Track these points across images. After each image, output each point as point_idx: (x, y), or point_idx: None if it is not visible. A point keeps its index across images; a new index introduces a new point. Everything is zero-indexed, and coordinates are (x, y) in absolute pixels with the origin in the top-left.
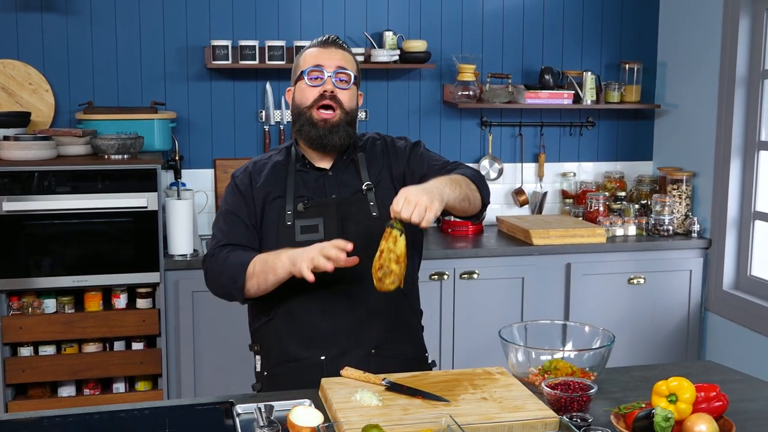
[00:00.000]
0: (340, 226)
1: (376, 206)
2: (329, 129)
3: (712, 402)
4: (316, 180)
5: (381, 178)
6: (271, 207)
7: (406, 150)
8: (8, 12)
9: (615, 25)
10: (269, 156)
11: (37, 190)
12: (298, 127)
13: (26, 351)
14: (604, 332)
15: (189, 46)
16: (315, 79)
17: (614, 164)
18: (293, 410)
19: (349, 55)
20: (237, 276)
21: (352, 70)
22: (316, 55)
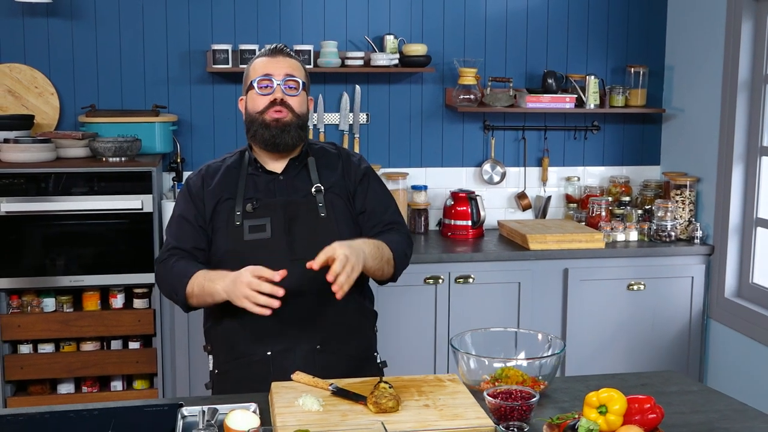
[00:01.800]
0: (287, 226)
1: (324, 208)
2: (281, 128)
3: (647, 414)
4: (267, 183)
5: (333, 183)
6: (222, 208)
7: (359, 171)
8: (15, 17)
9: (621, 29)
10: (223, 159)
11: (36, 191)
12: (252, 133)
13: (26, 348)
14: (555, 340)
15: (191, 50)
16: (265, 87)
17: (621, 169)
18: (229, 414)
19: (297, 63)
20: (178, 291)
21: (300, 77)
22: (264, 64)
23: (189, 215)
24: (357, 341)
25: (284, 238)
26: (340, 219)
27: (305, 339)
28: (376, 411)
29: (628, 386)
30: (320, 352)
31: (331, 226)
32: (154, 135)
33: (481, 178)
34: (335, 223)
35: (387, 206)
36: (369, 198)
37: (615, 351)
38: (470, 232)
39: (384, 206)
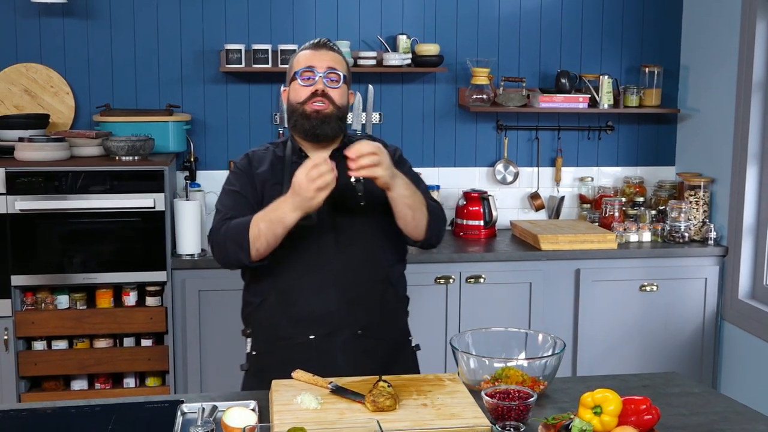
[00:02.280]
0: (332, 214)
1: (363, 197)
2: (321, 119)
3: (642, 415)
4: None
5: None
6: (269, 192)
7: (395, 159)
8: (31, 17)
9: (636, 28)
10: (266, 148)
11: (49, 189)
12: (293, 123)
13: (39, 345)
14: (556, 340)
15: (205, 49)
16: (307, 79)
17: (635, 169)
18: (227, 411)
19: (340, 57)
20: (242, 240)
21: (342, 70)
22: (308, 57)
23: (243, 190)
24: (395, 327)
25: (329, 226)
26: (378, 207)
27: (347, 324)
28: (374, 410)
29: (629, 387)
30: (361, 338)
31: (371, 215)
32: (167, 134)
33: (494, 178)
34: (374, 211)
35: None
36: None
37: (627, 352)
38: (482, 232)
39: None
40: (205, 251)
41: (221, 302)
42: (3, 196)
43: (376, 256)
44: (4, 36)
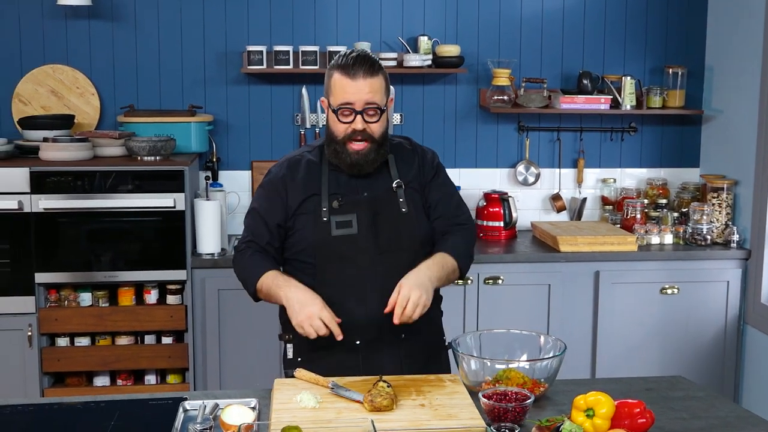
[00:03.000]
0: (372, 222)
1: (405, 203)
2: (362, 158)
3: (636, 418)
4: (349, 179)
5: (410, 178)
6: (308, 203)
7: (433, 166)
8: (58, 19)
9: (660, 29)
10: (302, 153)
11: (72, 189)
12: (332, 151)
13: (63, 341)
14: (557, 343)
15: (228, 51)
16: (346, 116)
17: (659, 171)
18: (225, 409)
19: (377, 79)
20: (248, 285)
21: (379, 100)
22: (343, 86)
23: (267, 214)
24: (434, 327)
25: (370, 234)
26: (419, 214)
27: (392, 329)
28: (371, 409)
29: (633, 390)
30: (405, 341)
31: (412, 221)
32: (189, 135)
33: (515, 179)
34: (415, 218)
35: (456, 202)
36: (439, 193)
37: (647, 355)
38: (502, 234)
39: (453, 202)
40: (225, 250)
41: (240, 301)
42: (27, 195)
43: (417, 262)
44: (32, 38)
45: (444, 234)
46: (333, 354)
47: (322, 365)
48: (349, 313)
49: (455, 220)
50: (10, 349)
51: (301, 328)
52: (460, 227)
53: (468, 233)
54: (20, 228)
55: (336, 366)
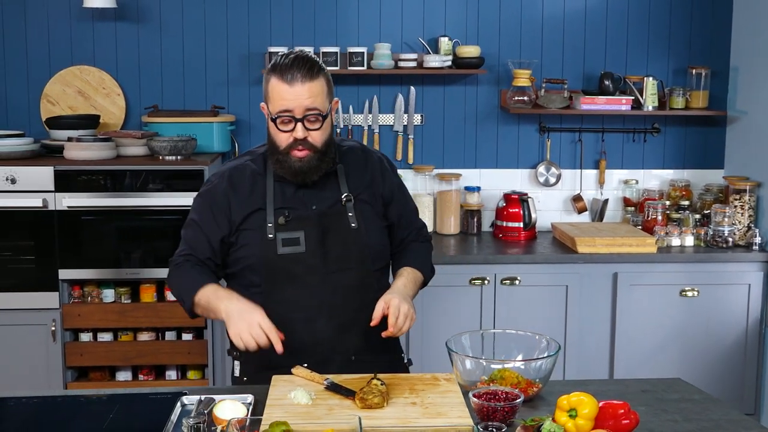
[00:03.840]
0: (320, 239)
1: (354, 218)
2: (306, 165)
3: (620, 419)
4: (295, 191)
5: (361, 189)
6: (252, 219)
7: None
8: (85, 21)
9: (684, 29)
10: (244, 163)
11: (95, 187)
12: (276, 160)
13: (86, 336)
14: (551, 343)
15: (251, 52)
16: (285, 123)
17: (682, 172)
18: (218, 404)
19: (317, 83)
20: (185, 299)
21: (320, 105)
22: (281, 93)
23: (207, 228)
24: (387, 349)
25: (319, 252)
26: (370, 228)
27: (340, 350)
28: (362, 407)
29: (629, 392)
30: (355, 362)
31: (362, 236)
32: (212, 134)
33: (536, 180)
34: (365, 233)
35: (414, 210)
36: (403, 207)
37: (666, 358)
38: (522, 234)
39: (414, 212)
40: None
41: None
42: (52, 194)
43: (368, 280)
44: (60, 40)
45: (408, 245)
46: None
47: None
48: (296, 333)
49: (418, 233)
50: (34, 344)
51: (239, 338)
52: (422, 238)
53: (430, 245)
54: (45, 225)
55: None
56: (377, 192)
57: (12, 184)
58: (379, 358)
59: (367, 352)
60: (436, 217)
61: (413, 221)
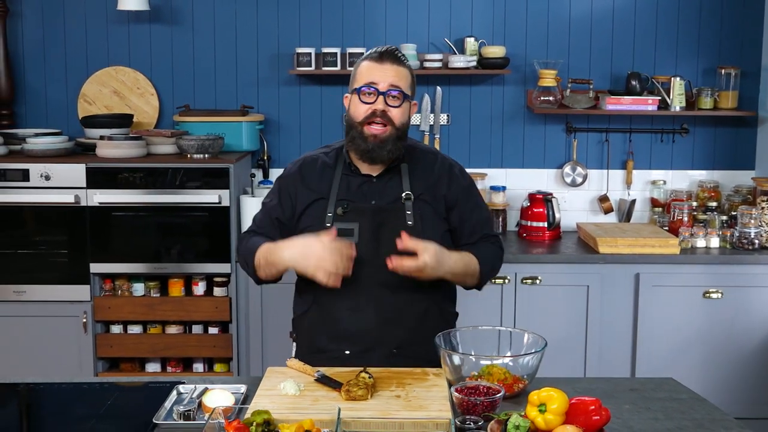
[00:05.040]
0: (375, 233)
1: (412, 216)
2: (379, 143)
3: (591, 415)
4: (359, 185)
5: (423, 189)
6: (315, 206)
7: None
8: (121, 24)
9: (714, 29)
10: (318, 155)
11: (125, 184)
12: (350, 138)
13: (116, 329)
14: (537, 339)
15: (280, 53)
16: (368, 95)
17: (712, 173)
18: (208, 393)
19: (404, 70)
20: (249, 262)
21: (404, 87)
22: (370, 70)
23: (274, 212)
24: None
25: (371, 244)
26: (427, 228)
27: (383, 342)
28: (347, 398)
29: (618, 390)
30: (396, 356)
31: (417, 234)
32: (241, 133)
33: (562, 180)
34: (421, 232)
35: (485, 220)
36: (470, 213)
37: (689, 360)
38: (546, 234)
39: (483, 221)
40: None
41: (282, 294)
42: (84, 190)
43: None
44: (97, 41)
45: (473, 244)
46: (325, 360)
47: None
48: (341, 322)
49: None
50: (66, 335)
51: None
52: (492, 242)
53: (497, 249)
54: (77, 220)
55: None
56: (440, 194)
57: (46, 180)
58: (422, 352)
59: (410, 346)
60: None
61: (481, 230)
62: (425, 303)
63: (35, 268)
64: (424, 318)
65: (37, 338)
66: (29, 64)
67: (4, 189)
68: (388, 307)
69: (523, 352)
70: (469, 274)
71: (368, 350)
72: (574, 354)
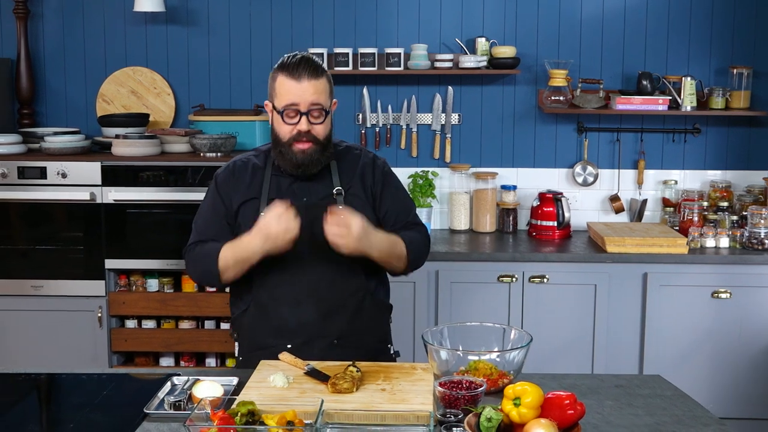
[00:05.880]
0: (308, 229)
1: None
2: (307, 158)
3: (565, 410)
4: (289, 184)
5: (352, 184)
6: (247, 207)
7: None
8: (138, 25)
9: (726, 29)
10: (248, 157)
11: (139, 182)
12: (278, 153)
13: (131, 323)
14: (523, 335)
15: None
16: (291, 117)
17: (724, 173)
18: (197, 384)
19: (321, 81)
20: (211, 269)
21: (324, 102)
22: (289, 89)
23: (216, 209)
24: (372, 335)
25: (305, 240)
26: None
27: (324, 334)
28: (332, 391)
29: (603, 386)
30: (337, 347)
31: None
32: (254, 132)
33: (573, 179)
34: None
35: (409, 208)
36: (393, 200)
37: (697, 361)
38: (556, 233)
39: (406, 208)
40: None
41: None
42: (99, 187)
43: (353, 268)
44: (115, 42)
45: (400, 230)
46: (267, 356)
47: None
48: (281, 317)
49: (412, 226)
50: (82, 329)
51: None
52: (416, 227)
53: (423, 236)
54: (92, 217)
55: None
56: (367, 184)
57: (63, 178)
58: (361, 343)
59: (350, 336)
60: (472, 215)
61: (405, 217)
62: (361, 293)
63: (52, 264)
64: (361, 309)
65: (54, 332)
66: (50, 65)
67: (23, 186)
68: (326, 300)
69: (509, 347)
70: (395, 255)
71: (309, 342)
72: (581, 353)
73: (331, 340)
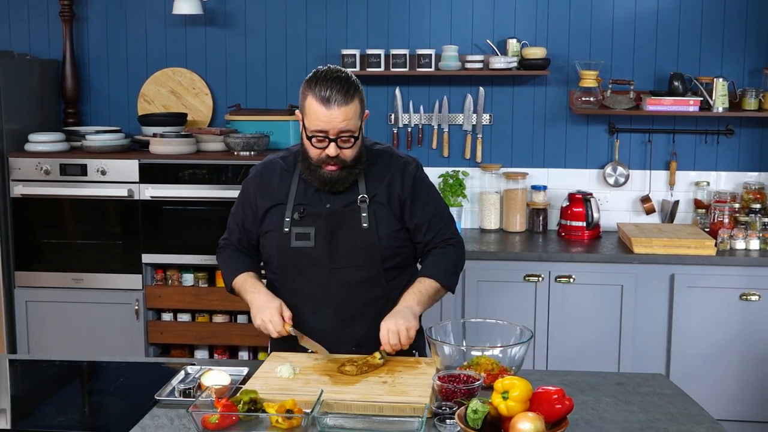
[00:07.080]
0: (329, 236)
1: (367, 218)
2: (335, 179)
3: (553, 404)
4: (315, 190)
5: (378, 192)
6: (274, 212)
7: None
8: (178, 27)
9: (762, 30)
10: (277, 160)
11: (175, 179)
12: (306, 167)
13: (167, 316)
14: (525, 331)
15: (328, 53)
16: (320, 141)
17: (759, 175)
18: (206, 373)
19: (352, 105)
20: (226, 282)
21: (353, 127)
22: (319, 116)
23: (239, 218)
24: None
25: (326, 248)
26: (381, 229)
27: (343, 341)
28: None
29: (604, 384)
30: (357, 353)
31: (372, 235)
32: (288, 132)
33: (604, 180)
34: (376, 233)
35: (441, 217)
36: (424, 211)
37: (725, 363)
38: (585, 234)
39: (440, 218)
40: None
41: None
42: (137, 184)
43: (375, 276)
44: (156, 44)
45: (431, 251)
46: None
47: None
48: (304, 322)
49: (443, 237)
50: (120, 321)
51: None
52: (447, 245)
53: (455, 249)
54: (130, 213)
55: None
56: (394, 192)
57: (102, 175)
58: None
59: (369, 343)
60: (502, 215)
61: (436, 226)
62: (383, 301)
63: (92, 258)
64: (382, 316)
65: (93, 323)
66: (94, 66)
67: (65, 183)
68: (346, 307)
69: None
70: (432, 295)
71: (330, 349)
72: (607, 354)
73: (350, 347)
